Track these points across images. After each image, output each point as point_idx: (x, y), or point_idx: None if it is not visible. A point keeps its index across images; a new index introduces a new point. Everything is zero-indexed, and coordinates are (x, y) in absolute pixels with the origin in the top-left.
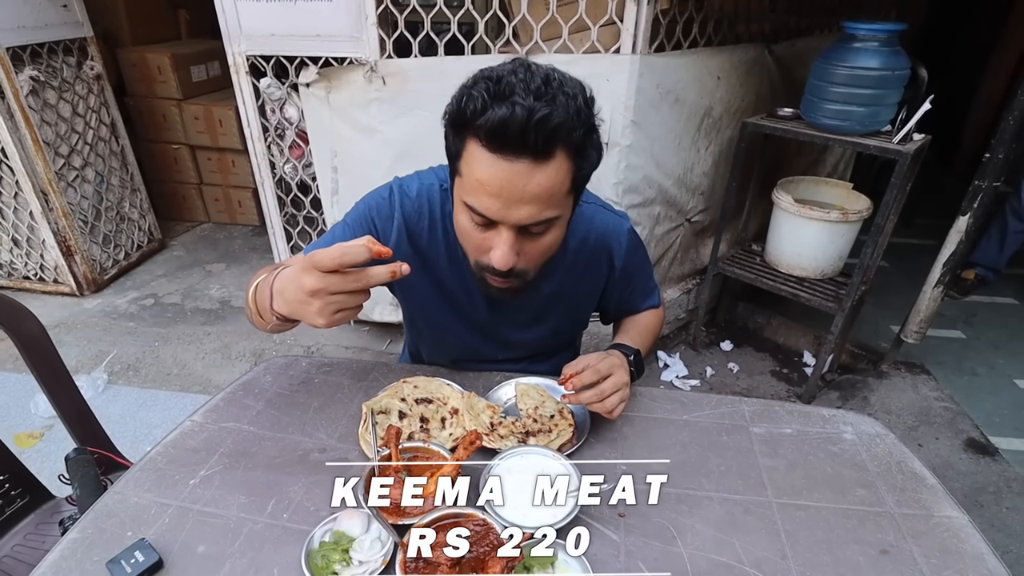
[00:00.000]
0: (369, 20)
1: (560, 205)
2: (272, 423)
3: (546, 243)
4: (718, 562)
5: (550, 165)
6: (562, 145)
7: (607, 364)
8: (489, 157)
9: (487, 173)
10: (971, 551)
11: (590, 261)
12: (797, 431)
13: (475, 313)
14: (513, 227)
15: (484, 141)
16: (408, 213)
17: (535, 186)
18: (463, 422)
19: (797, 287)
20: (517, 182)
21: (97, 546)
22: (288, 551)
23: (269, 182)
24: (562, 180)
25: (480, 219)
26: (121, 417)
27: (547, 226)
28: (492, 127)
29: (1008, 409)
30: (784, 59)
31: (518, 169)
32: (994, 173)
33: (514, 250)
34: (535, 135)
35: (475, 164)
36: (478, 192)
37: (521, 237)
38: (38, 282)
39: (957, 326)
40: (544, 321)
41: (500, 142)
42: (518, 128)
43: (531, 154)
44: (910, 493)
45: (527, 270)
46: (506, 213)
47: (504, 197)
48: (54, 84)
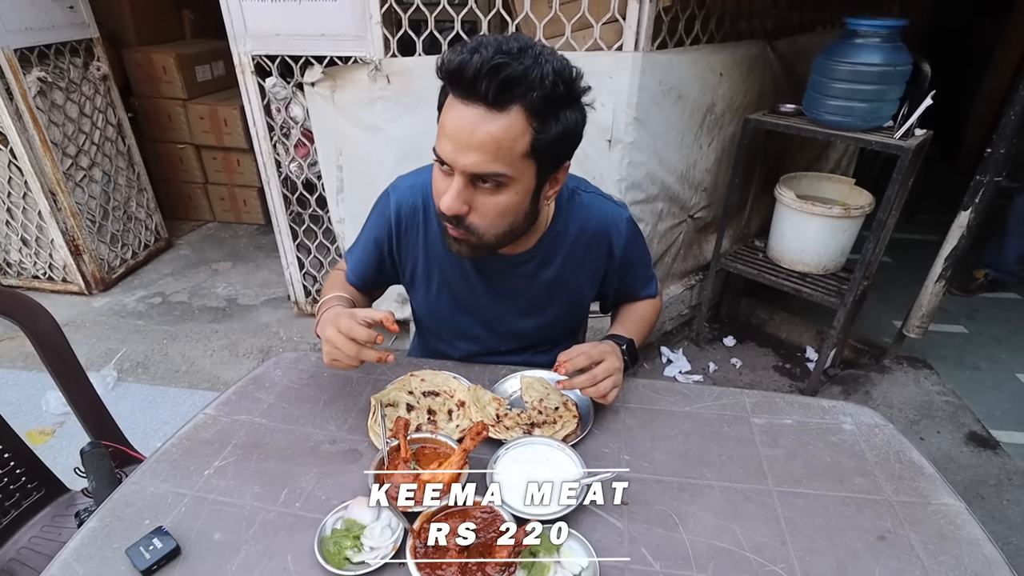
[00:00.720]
0: (373, 19)
1: (512, 164)
2: (283, 416)
3: (498, 203)
4: (719, 548)
5: (502, 118)
6: (518, 102)
7: (599, 351)
8: (453, 102)
9: (449, 116)
10: (967, 537)
11: (589, 248)
12: (797, 422)
13: (476, 302)
14: (463, 173)
15: (449, 85)
16: (403, 214)
17: (483, 134)
18: (469, 414)
19: (800, 282)
20: (466, 126)
21: (116, 534)
22: (301, 538)
23: (275, 181)
24: (514, 137)
25: (439, 164)
26: (131, 414)
27: (497, 183)
28: (451, 69)
29: (1009, 403)
30: (786, 55)
31: (470, 114)
32: (996, 168)
33: (461, 197)
34: (486, 82)
35: (445, 111)
36: (440, 135)
37: (472, 188)
38: (47, 281)
39: (959, 321)
40: (545, 309)
41: (457, 85)
42: (473, 72)
43: (483, 101)
44: (908, 481)
45: (478, 226)
46: (455, 157)
47: (456, 140)
48: (61, 85)
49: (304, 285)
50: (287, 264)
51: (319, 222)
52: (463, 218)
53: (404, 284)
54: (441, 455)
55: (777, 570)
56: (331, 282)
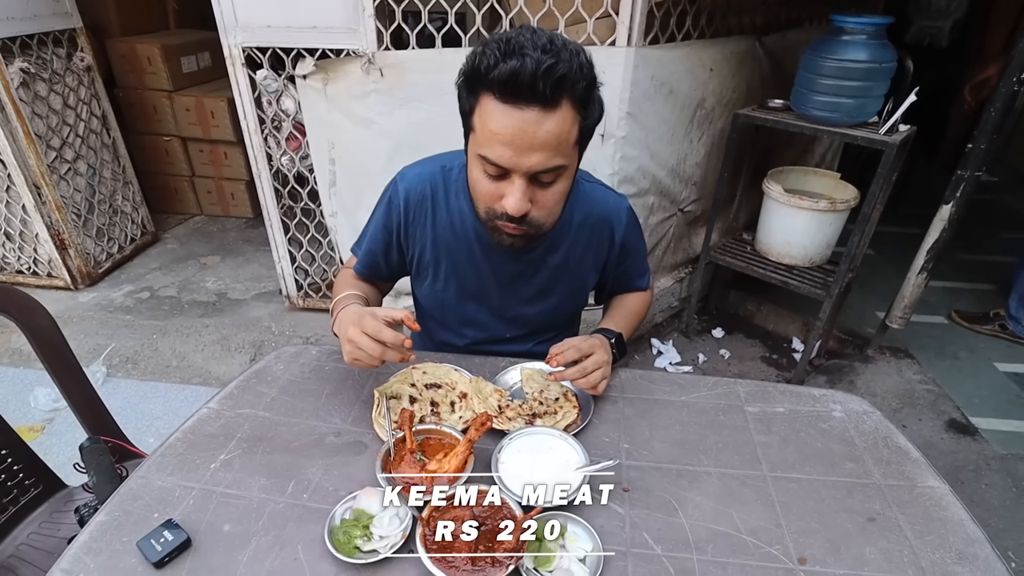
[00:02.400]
0: (366, 12)
1: (567, 154)
2: (287, 409)
3: (556, 192)
4: (717, 531)
5: (557, 113)
6: (567, 95)
7: (588, 344)
8: (501, 108)
9: (500, 123)
10: (952, 518)
11: (593, 235)
12: (789, 410)
13: (483, 289)
14: (525, 175)
15: (497, 93)
16: (410, 202)
17: (544, 133)
18: (472, 405)
19: (786, 275)
20: (528, 130)
21: (125, 527)
22: (311, 528)
23: (266, 174)
24: (568, 128)
25: (494, 169)
26: (123, 409)
27: (556, 174)
28: (504, 78)
29: (988, 391)
30: (775, 51)
31: (528, 117)
32: (976, 163)
33: (526, 197)
34: (543, 83)
35: (488, 116)
36: (492, 142)
37: (532, 186)
38: (32, 276)
39: (940, 312)
40: (550, 295)
41: (512, 92)
42: (528, 77)
43: (540, 102)
44: (895, 466)
45: (540, 219)
46: (518, 161)
47: (516, 145)
48: (44, 76)
49: (296, 279)
50: (278, 258)
51: (311, 215)
52: (526, 215)
53: (410, 274)
54: (446, 446)
55: (773, 551)
56: (342, 281)
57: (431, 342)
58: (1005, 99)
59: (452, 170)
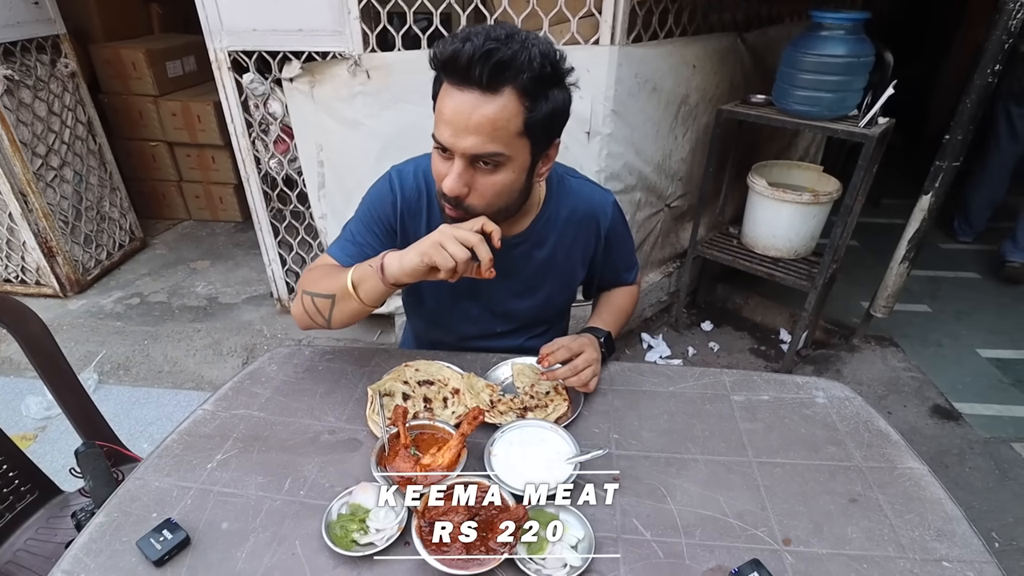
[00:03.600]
0: (352, 14)
1: (507, 143)
2: (281, 409)
3: (496, 181)
4: (705, 516)
5: (496, 100)
6: (510, 84)
7: (578, 343)
8: (448, 89)
9: (446, 103)
10: (931, 497)
11: (580, 229)
12: (773, 397)
13: (474, 284)
14: (463, 156)
15: (445, 74)
16: (407, 195)
17: (480, 116)
18: (464, 401)
19: (772, 267)
20: (464, 110)
21: (124, 528)
22: (308, 524)
23: (255, 178)
24: (508, 118)
25: (439, 148)
26: (115, 415)
27: (495, 163)
28: (444, 58)
29: (971, 377)
30: (756, 47)
31: (466, 99)
32: (954, 154)
33: (462, 179)
34: (480, 67)
35: (440, 98)
36: (439, 122)
37: (472, 169)
38: (20, 284)
39: (923, 300)
40: (539, 289)
41: (452, 72)
42: (466, 59)
43: (478, 85)
44: (876, 448)
45: (476, 206)
46: (455, 140)
47: (454, 125)
48: (28, 83)
49: (287, 282)
50: (269, 261)
51: (300, 218)
52: (462, 200)
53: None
54: (439, 440)
55: (758, 533)
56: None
57: (420, 342)
58: (979, 91)
59: None
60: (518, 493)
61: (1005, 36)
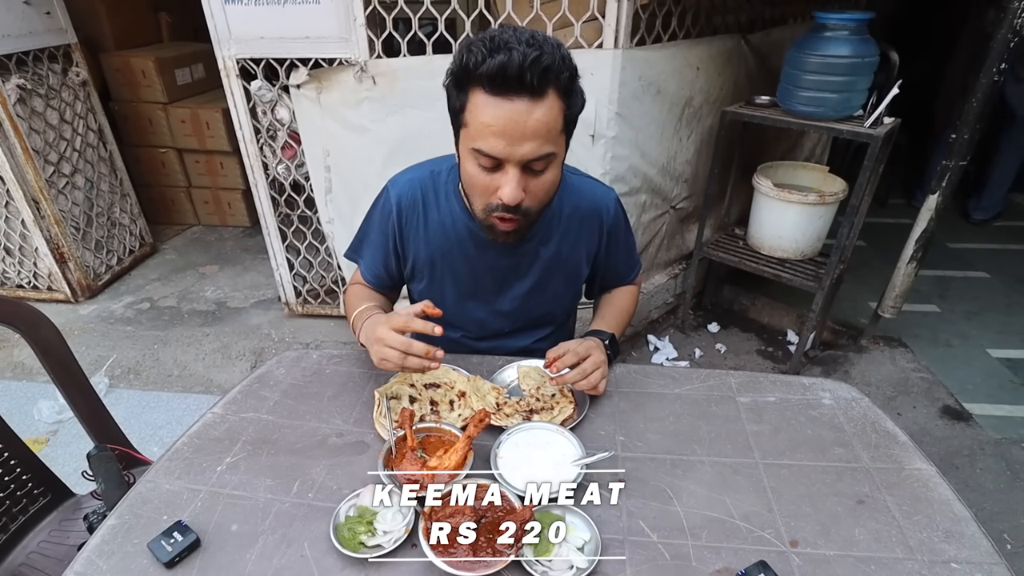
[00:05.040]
0: (358, 21)
1: (556, 142)
2: (289, 412)
3: (547, 180)
4: (711, 517)
5: (544, 103)
6: (553, 85)
7: (584, 347)
8: (492, 101)
9: (491, 115)
10: (939, 498)
11: (583, 225)
12: (780, 399)
13: (479, 285)
14: (518, 164)
15: (487, 87)
16: (403, 204)
17: (534, 122)
18: (471, 403)
19: (779, 268)
20: (519, 120)
21: (136, 529)
22: (316, 526)
23: (262, 183)
24: (555, 117)
25: (488, 161)
26: (126, 419)
27: (547, 162)
28: (493, 72)
29: (981, 377)
30: (760, 48)
31: (519, 108)
32: (960, 153)
33: (520, 186)
34: (531, 75)
35: (479, 111)
36: (484, 135)
37: (525, 175)
38: (32, 290)
39: (932, 300)
40: (545, 287)
41: (501, 84)
42: (516, 70)
43: (528, 93)
44: (883, 450)
45: (531, 208)
46: (511, 151)
47: (509, 135)
48: (41, 92)
49: (294, 286)
50: (276, 266)
51: (308, 223)
52: (520, 205)
53: (406, 278)
54: (446, 443)
55: (765, 535)
56: (354, 295)
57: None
58: (985, 90)
59: (440, 173)
60: (523, 495)
61: (1011, 35)
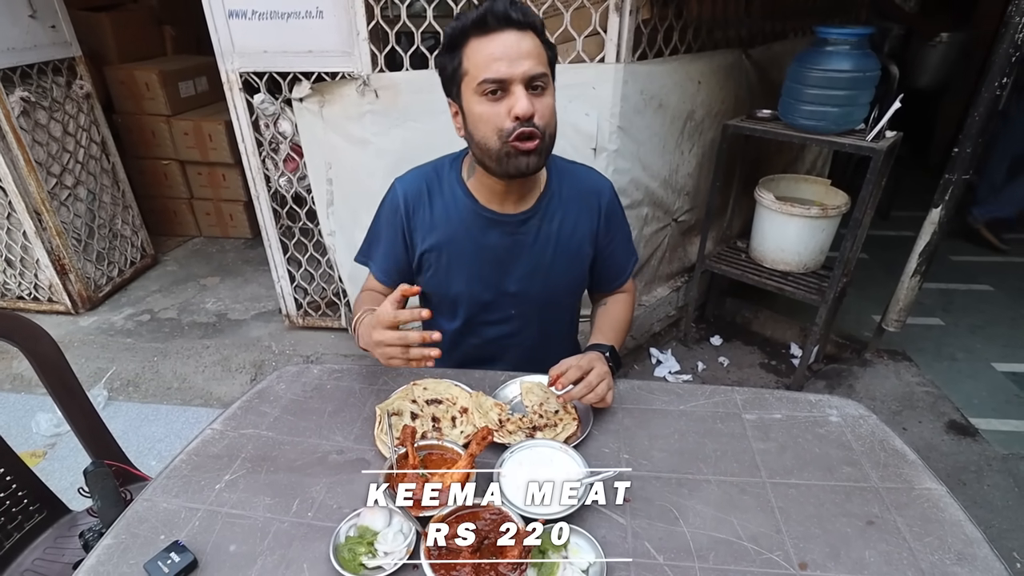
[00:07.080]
0: (361, 36)
1: (547, 67)
2: (290, 428)
3: (548, 103)
4: (718, 539)
5: (529, 35)
6: (532, 28)
7: (586, 360)
8: (487, 39)
9: (490, 48)
10: (950, 519)
11: (583, 204)
12: (786, 416)
13: (484, 266)
14: (522, 81)
15: (480, 31)
16: (409, 195)
17: (527, 45)
18: (473, 420)
19: (782, 281)
20: (512, 43)
21: (132, 550)
22: (316, 547)
23: (264, 195)
24: (542, 51)
25: (494, 85)
26: (124, 432)
27: (545, 84)
28: (483, 16)
29: (987, 391)
30: (761, 62)
31: (511, 36)
32: (963, 167)
33: (528, 99)
34: (515, 12)
35: (477, 52)
36: (488, 64)
37: (530, 94)
38: (32, 301)
39: (936, 313)
40: (550, 267)
41: (492, 23)
42: (502, 10)
43: (516, 26)
44: (892, 469)
45: (543, 126)
46: (513, 69)
47: (509, 57)
48: (44, 104)
49: (295, 298)
50: (278, 278)
51: (309, 235)
52: (533, 118)
53: (415, 270)
54: (448, 461)
55: (774, 557)
56: (358, 305)
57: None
58: (988, 103)
59: (444, 166)
60: (527, 515)
61: (1012, 50)
